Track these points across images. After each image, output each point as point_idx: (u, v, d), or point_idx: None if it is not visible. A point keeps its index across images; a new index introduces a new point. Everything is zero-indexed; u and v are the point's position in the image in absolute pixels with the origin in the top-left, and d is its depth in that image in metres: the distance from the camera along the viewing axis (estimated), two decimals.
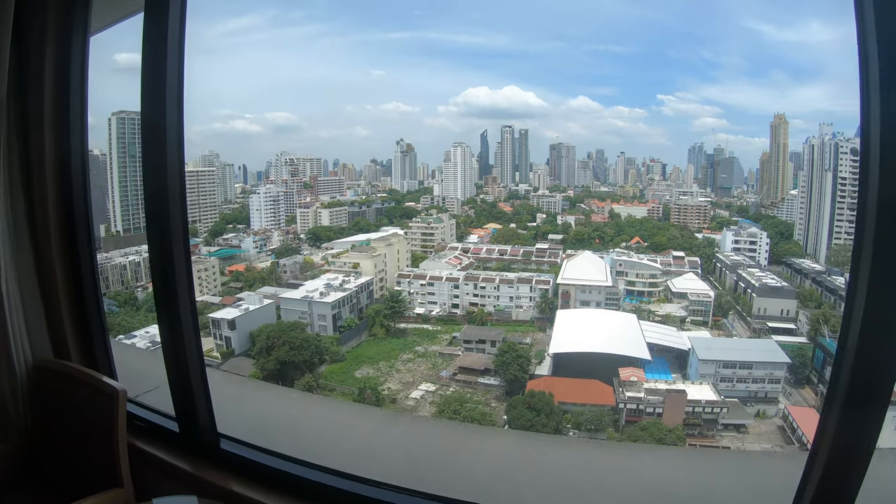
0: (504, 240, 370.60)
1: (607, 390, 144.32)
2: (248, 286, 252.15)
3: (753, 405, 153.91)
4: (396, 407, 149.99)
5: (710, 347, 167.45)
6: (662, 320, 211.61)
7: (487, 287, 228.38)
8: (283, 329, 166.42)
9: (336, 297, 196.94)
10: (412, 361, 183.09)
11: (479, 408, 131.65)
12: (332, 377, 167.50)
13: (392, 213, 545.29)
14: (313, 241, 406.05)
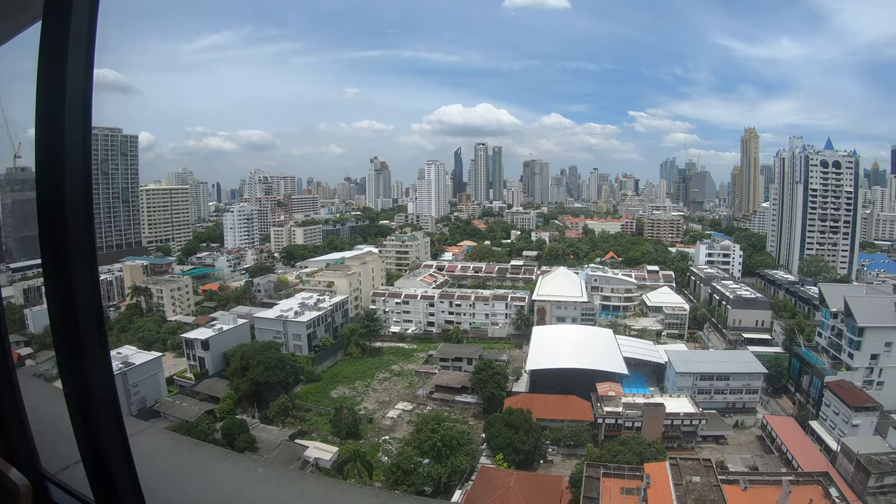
0: (479, 257, 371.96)
1: (585, 406, 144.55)
2: (222, 305, 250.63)
3: (732, 416, 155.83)
4: (374, 426, 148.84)
5: (686, 360, 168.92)
6: (639, 334, 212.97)
7: (463, 304, 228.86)
8: (258, 349, 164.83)
9: (311, 316, 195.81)
10: (388, 380, 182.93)
11: (456, 426, 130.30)
12: (307, 397, 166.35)
13: (366, 231, 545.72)
14: (287, 260, 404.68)
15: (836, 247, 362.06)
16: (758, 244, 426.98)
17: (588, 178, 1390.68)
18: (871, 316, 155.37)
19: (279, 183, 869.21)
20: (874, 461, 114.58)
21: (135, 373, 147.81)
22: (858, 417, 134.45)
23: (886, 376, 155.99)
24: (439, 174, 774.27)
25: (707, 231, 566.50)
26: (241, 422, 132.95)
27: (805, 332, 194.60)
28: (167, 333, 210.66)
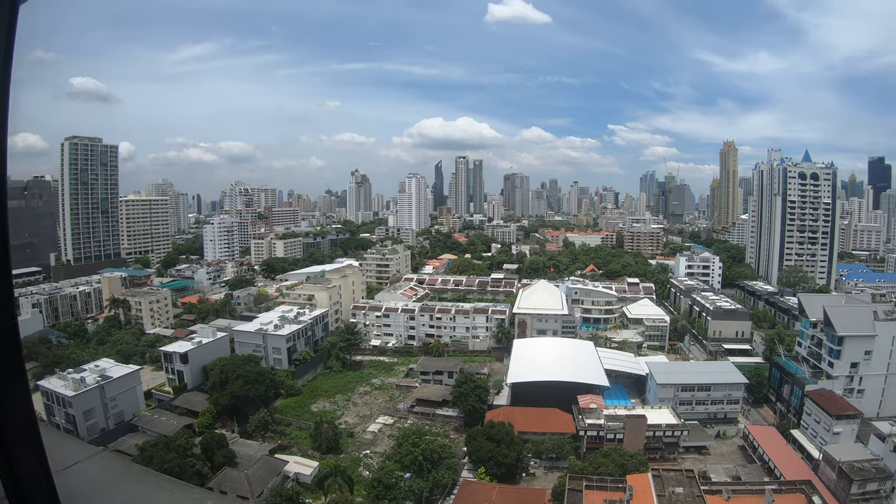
0: (459, 270, 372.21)
1: (567, 418, 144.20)
2: (202, 318, 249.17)
3: (714, 426, 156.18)
4: (355, 441, 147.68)
5: (667, 371, 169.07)
6: (619, 346, 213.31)
7: (443, 318, 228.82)
8: (237, 363, 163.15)
9: (291, 329, 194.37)
10: (369, 394, 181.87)
11: (438, 440, 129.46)
12: (287, 411, 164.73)
13: (347, 244, 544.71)
14: (267, 273, 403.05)
15: (815, 257, 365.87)
16: (737, 256, 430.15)
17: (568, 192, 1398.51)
18: (851, 325, 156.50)
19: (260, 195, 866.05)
20: (856, 468, 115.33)
21: (112, 386, 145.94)
22: (840, 425, 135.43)
23: (867, 384, 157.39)
24: (420, 187, 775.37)
25: (687, 243, 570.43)
26: (221, 436, 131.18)
27: (785, 342, 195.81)
28: (146, 346, 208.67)
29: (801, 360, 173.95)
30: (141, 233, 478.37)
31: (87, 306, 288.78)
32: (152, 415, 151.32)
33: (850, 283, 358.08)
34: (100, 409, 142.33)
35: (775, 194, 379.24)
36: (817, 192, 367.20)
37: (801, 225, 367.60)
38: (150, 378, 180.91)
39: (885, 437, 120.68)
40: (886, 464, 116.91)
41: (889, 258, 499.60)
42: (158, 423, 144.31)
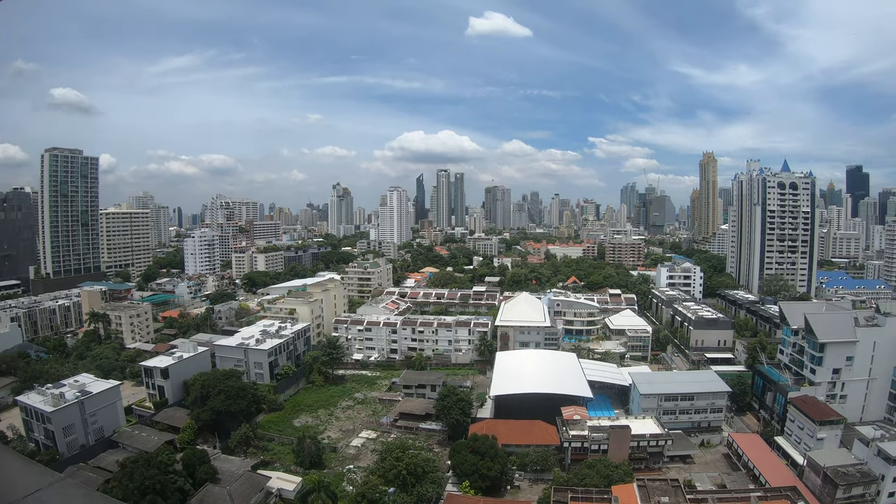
0: (441, 283, 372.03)
1: (551, 430, 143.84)
2: (182, 333, 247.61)
3: (698, 435, 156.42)
4: (338, 455, 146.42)
5: (650, 382, 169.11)
6: (602, 357, 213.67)
7: (426, 331, 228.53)
8: (219, 377, 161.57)
9: (272, 344, 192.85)
10: (352, 408, 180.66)
11: (421, 454, 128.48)
12: (270, 427, 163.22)
13: (328, 257, 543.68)
14: (249, 287, 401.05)
15: (795, 266, 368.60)
16: (718, 265, 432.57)
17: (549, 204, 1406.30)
18: (832, 332, 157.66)
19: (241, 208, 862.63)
20: (841, 473, 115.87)
21: (92, 402, 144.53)
22: (823, 431, 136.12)
23: (849, 389, 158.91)
24: (401, 200, 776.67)
25: (668, 254, 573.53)
26: (202, 452, 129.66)
27: (767, 349, 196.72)
28: (126, 361, 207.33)
29: (784, 368, 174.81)
30: (121, 246, 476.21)
31: (67, 320, 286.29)
32: (133, 431, 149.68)
33: (831, 291, 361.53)
34: (80, 424, 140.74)
35: (755, 204, 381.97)
36: (796, 202, 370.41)
37: (781, 234, 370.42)
38: (130, 393, 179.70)
39: (869, 441, 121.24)
40: (871, 468, 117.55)
41: (868, 265, 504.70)
42: (139, 439, 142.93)
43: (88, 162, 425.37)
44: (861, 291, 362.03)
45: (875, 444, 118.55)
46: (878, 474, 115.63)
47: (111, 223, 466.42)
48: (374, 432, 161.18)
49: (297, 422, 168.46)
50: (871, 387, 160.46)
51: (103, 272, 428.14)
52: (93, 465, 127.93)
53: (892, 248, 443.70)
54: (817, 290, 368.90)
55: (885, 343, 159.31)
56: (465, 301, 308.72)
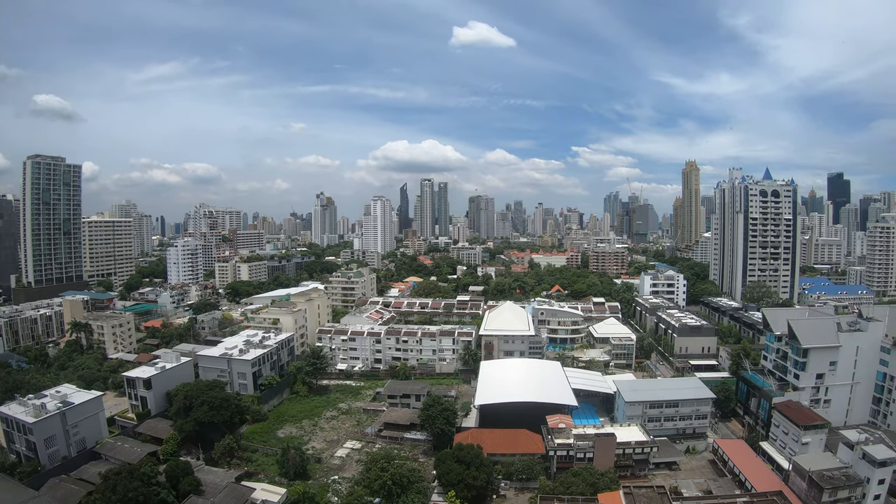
0: (425, 293, 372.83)
1: (536, 439, 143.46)
2: (165, 343, 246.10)
3: (683, 442, 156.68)
4: (322, 466, 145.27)
5: (635, 389, 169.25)
6: (587, 366, 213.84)
7: (410, 341, 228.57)
8: (202, 388, 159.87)
9: (256, 354, 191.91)
10: (336, 419, 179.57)
11: (406, 464, 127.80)
12: (254, 437, 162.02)
13: (312, 267, 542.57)
14: (232, 296, 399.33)
15: (778, 272, 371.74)
16: (701, 273, 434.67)
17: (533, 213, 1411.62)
18: (815, 337, 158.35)
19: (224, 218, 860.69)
20: (826, 477, 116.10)
21: (74, 413, 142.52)
22: (808, 435, 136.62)
23: (833, 394, 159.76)
24: (385, 210, 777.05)
25: (651, 262, 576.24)
26: (186, 464, 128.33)
27: (750, 356, 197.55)
28: (108, 372, 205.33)
29: (768, 374, 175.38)
30: (104, 255, 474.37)
31: (49, 330, 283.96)
32: (115, 442, 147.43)
33: (813, 297, 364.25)
34: (61, 436, 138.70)
35: (737, 212, 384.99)
36: (778, 209, 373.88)
37: (764, 241, 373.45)
38: (112, 404, 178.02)
39: (854, 444, 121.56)
40: (856, 471, 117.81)
41: (850, 271, 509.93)
42: (122, 451, 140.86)
43: (71, 169, 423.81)
44: (843, 297, 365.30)
45: (860, 448, 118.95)
46: (864, 477, 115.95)
47: (93, 232, 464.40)
48: (358, 443, 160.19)
49: (281, 432, 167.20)
50: (854, 391, 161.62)
51: (85, 281, 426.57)
52: (75, 478, 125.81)
53: (874, 254, 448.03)
54: (800, 297, 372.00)
55: (868, 347, 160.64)
56: (450, 310, 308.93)
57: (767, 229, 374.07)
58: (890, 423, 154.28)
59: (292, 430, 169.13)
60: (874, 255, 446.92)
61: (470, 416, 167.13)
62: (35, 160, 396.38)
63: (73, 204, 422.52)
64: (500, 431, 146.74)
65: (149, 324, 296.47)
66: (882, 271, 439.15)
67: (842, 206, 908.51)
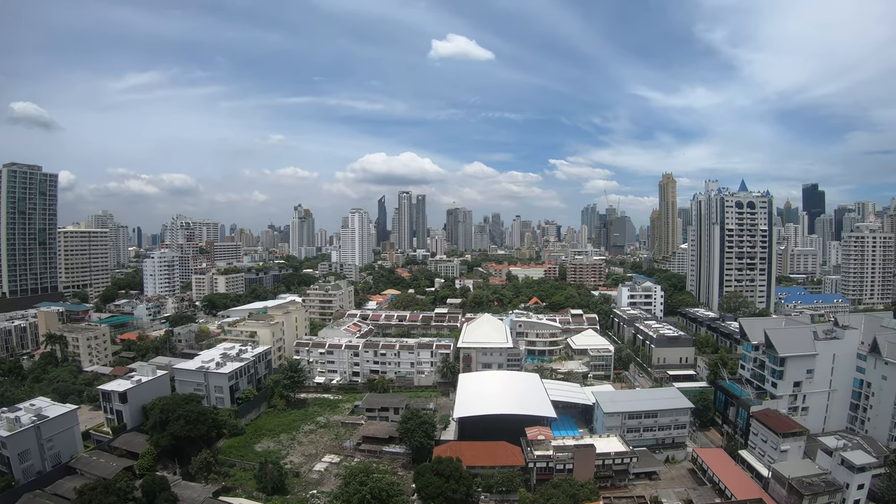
0: (403, 305, 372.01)
1: (516, 451, 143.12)
2: (141, 356, 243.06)
3: (662, 452, 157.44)
4: (301, 481, 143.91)
5: (614, 400, 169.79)
6: (565, 377, 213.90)
7: (388, 353, 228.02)
8: (178, 402, 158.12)
9: (233, 367, 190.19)
10: (314, 432, 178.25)
11: (385, 477, 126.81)
12: (231, 452, 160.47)
13: (290, 279, 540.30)
14: (209, 309, 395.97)
15: (754, 282, 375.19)
16: (678, 284, 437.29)
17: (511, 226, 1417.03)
18: (792, 346, 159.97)
19: (202, 229, 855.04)
20: (806, 483, 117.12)
21: (48, 426, 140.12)
22: (787, 443, 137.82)
23: (810, 402, 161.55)
24: (363, 222, 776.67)
25: (628, 273, 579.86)
26: (162, 479, 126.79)
27: (728, 365, 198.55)
28: (83, 385, 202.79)
29: (745, 383, 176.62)
30: (79, 266, 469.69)
31: (23, 342, 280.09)
32: (90, 456, 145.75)
33: (790, 306, 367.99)
34: (36, 450, 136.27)
35: (713, 223, 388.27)
36: (754, 220, 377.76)
37: (740, 252, 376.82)
38: (87, 418, 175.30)
39: (833, 451, 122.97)
40: (835, 477, 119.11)
41: (826, 280, 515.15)
42: (97, 466, 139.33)
43: (48, 178, 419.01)
44: (819, 306, 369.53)
45: (838, 454, 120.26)
46: (843, 483, 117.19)
47: (69, 242, 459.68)
48: (337, 456, 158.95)
49: (258, 447, 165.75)
50: (832, 398, 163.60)
51: (61, 292, 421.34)
52: (50, 493, 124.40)
53: (849, 263, 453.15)
54: (776, 306, 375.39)
55: (844, 355, 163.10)
56: (427, 323, 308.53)
57: (743, 240, 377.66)
58: (868, 429, 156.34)
59: (270, 444, 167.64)
60: (849, 265, 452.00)
61: (449, 428, 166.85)
62: (11, 168, 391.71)
63: (49, 213, 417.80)
64: (479, 444, 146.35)
65: (124, 336, 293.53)
66: (857, 280, 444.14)
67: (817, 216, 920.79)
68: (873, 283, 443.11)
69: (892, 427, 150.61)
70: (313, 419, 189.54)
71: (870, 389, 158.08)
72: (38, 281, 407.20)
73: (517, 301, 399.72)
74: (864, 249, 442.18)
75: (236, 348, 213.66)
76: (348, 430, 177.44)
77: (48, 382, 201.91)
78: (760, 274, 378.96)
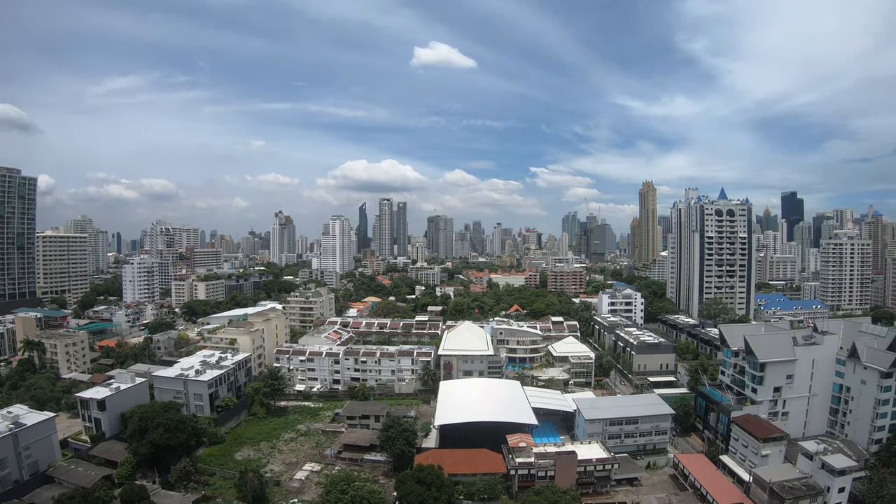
0: (384, 313, 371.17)
1: (497, 458, 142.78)
2: (120, 363, 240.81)
3: (644, 458, 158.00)
4: (282, 489, 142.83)
5: (595, 407, 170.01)
6: (546, 384, 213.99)
7: (368, 361, 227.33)
8: (157, 410, 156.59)
9: (213, 374, 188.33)
10: (295, 440, 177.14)
11: (367, 486, 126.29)
12: (211, 460, 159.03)
13: (270, 286, 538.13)
14: (189, 316, 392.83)
15: (734, 289, 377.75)
16: (658, 291, 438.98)
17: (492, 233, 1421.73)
18: (772, 351, 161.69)
19: (182, 235, 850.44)
20: (787, 487, 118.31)
21: (26, 434, 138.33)
22: (767, 448, 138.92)
23: (790, 406, 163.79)
24: (344, 229, 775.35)
25: (609, 281, 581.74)
26: (141, 488, 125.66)
27: (708, 371, 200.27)
28: (61, 392, 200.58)
29: (726, 388, 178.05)
30: (58, 271, 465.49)
31: (0, 348, 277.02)
32: (69, 465, 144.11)
33: (769, 312, 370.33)
34: (13, 458, 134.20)
35: (693, 231, 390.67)
36: (734, 228, 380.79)
37: (720, 259, 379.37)
38: (66, 426, 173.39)
39: (813, 455, 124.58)
40: (816, 481, 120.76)
41: (805, 286, 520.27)
42: (75, 474, 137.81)
43: (26, 182, 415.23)
44: (798, 312, 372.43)
45: (819, 458, 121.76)
46: (824, 486, 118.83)
47: (48, 247, 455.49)
48: (318, 465, 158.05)
49: (238, 455, 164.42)
50: (811, 403, 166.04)
51: (39, 298, 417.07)
52: (27, 502, 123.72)
53: (827, 270, 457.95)
54: (756, 312, 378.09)
55: (824, 360, 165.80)
56: (408, 330, 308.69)
57: (723, 247, 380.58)
58: (847, 433, 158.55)
59: (250, 453, 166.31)
60: (828, 271, 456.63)
61: (430, 436, 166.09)
62: None
63: (28, 218, 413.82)
64: (460, 451, 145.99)
65: (103, 343, 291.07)
66: (835, 286, 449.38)
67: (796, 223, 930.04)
68: (851, 289, 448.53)
69: (871, 430, 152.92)
70: (294, 427, 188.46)
71: (849, 394, 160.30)
72: (16, 286, 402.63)
73: (498, 308, 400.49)
74: (843, 256, 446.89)
75: (216, 356, 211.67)
76: (329, 439, 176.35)
77: (26, 389, 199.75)
78: (740, 281, 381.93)
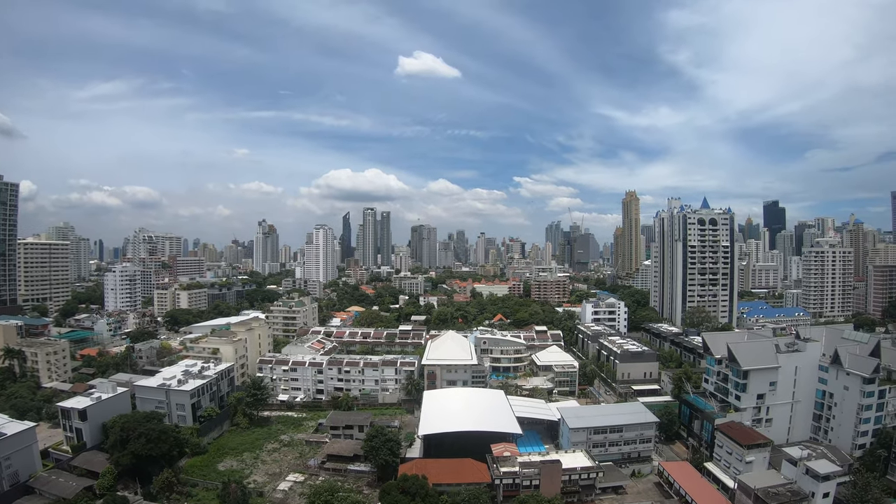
0: (367, 322, 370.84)
1: (482, 468, 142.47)
2: (101, 372, 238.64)
3: (628, 466, 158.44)
4: (265, 500, 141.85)
5: (579, 416, 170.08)
6: (530, 394, 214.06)
7: (352, 371, 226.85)
8: (139, 420, 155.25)
9: (195, 384, 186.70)
10: (278, 451, 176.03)
11: (351, 496, 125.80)
12: (193, 471, 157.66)
13: (253, 295, 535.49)
14: (171, 325, 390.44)
15: (717, 297, 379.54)
16: (641, 300, 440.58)
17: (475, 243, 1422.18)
18: (755, 359, 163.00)
19: (164, 243, 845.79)
20: (771, 493, 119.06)
21: (6, 444, 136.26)
22: (751, 454, 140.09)
23: (774, 413, 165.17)
24: (327, 239, 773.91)
25: (592, 290, 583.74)
26: (123, 499, 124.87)
27: (692, 379, 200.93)
28: (42, 401, 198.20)
29: (709, 396, 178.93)
30: (39, 279, 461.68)
31: None
32: (49, 476, 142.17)
33: (752, 320, 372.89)
34: None
35: (676, 240, 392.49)
36: (716, 236, 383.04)
37: (702, 268, 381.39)
38: (46, 436, 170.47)
39: (797, 461, 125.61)
40: (801, 486, 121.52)
41: (787, 294, 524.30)
42: (56, 485, 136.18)
43: (8, 188, 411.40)
44: (781, 319, 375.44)
45: (803, 464, 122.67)
46: (808, 492, 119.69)
47: (29, 254, 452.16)
48: (301, 475, 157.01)
49: (221, 465, 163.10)
50: (795, 409, 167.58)
51: (19, 305, 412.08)
52: None
53: (809, 278, 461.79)
54: (739, 320, 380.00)
55: (806, 367, 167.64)
56: (392, 340, 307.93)
57: (706, 256, 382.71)
58: (831, 439, 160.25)
59: (233, 464, 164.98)
60: (809, 279, 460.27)
61: (414, 446, 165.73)
62: None
63: (10, 224, 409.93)
64: (444, 461, 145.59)
65: (85, 352, 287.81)
66: (818, 294, 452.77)
67: (777, 232, 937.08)
68: (833, 297, 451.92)
69: (854, 436, 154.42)
70: (277, 437, 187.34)
71: (832, 400, 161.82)
72: None
73: (482, 318, 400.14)
74: (824, 264, 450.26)
75: (198, 365, 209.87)
76: (312, 449, 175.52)
77: (6, 398, 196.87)
78: (723, 289, 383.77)
